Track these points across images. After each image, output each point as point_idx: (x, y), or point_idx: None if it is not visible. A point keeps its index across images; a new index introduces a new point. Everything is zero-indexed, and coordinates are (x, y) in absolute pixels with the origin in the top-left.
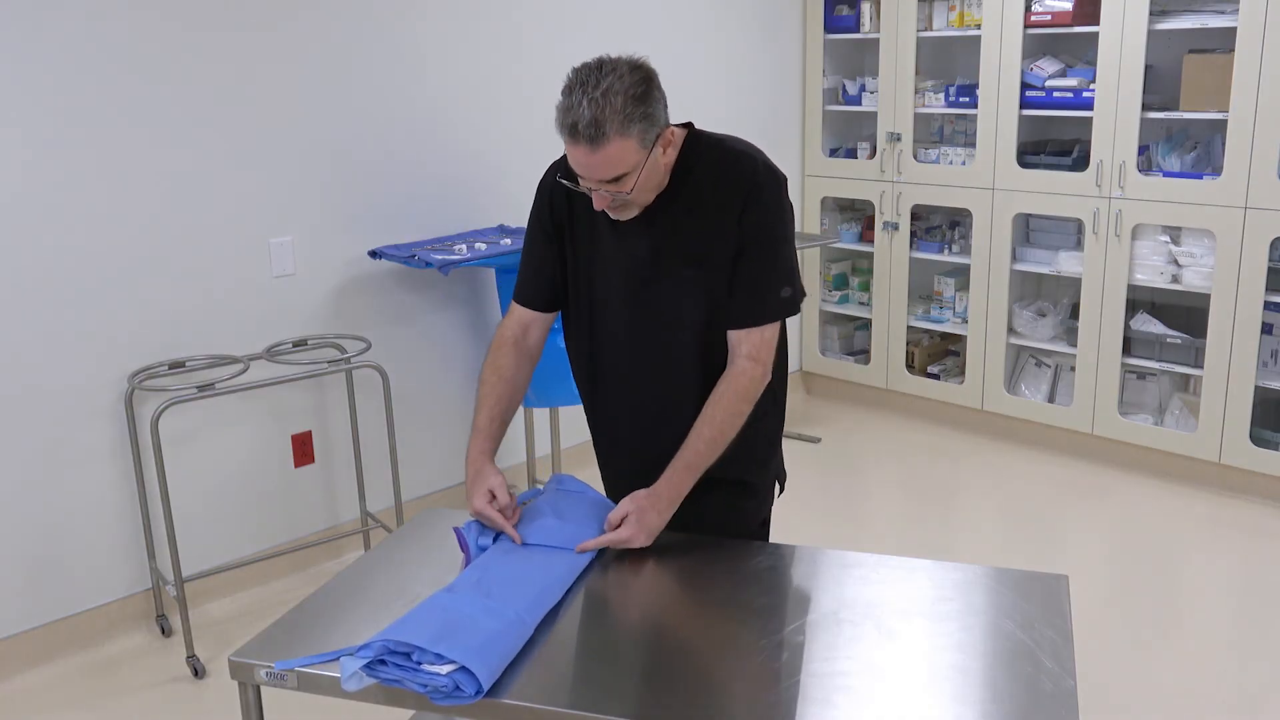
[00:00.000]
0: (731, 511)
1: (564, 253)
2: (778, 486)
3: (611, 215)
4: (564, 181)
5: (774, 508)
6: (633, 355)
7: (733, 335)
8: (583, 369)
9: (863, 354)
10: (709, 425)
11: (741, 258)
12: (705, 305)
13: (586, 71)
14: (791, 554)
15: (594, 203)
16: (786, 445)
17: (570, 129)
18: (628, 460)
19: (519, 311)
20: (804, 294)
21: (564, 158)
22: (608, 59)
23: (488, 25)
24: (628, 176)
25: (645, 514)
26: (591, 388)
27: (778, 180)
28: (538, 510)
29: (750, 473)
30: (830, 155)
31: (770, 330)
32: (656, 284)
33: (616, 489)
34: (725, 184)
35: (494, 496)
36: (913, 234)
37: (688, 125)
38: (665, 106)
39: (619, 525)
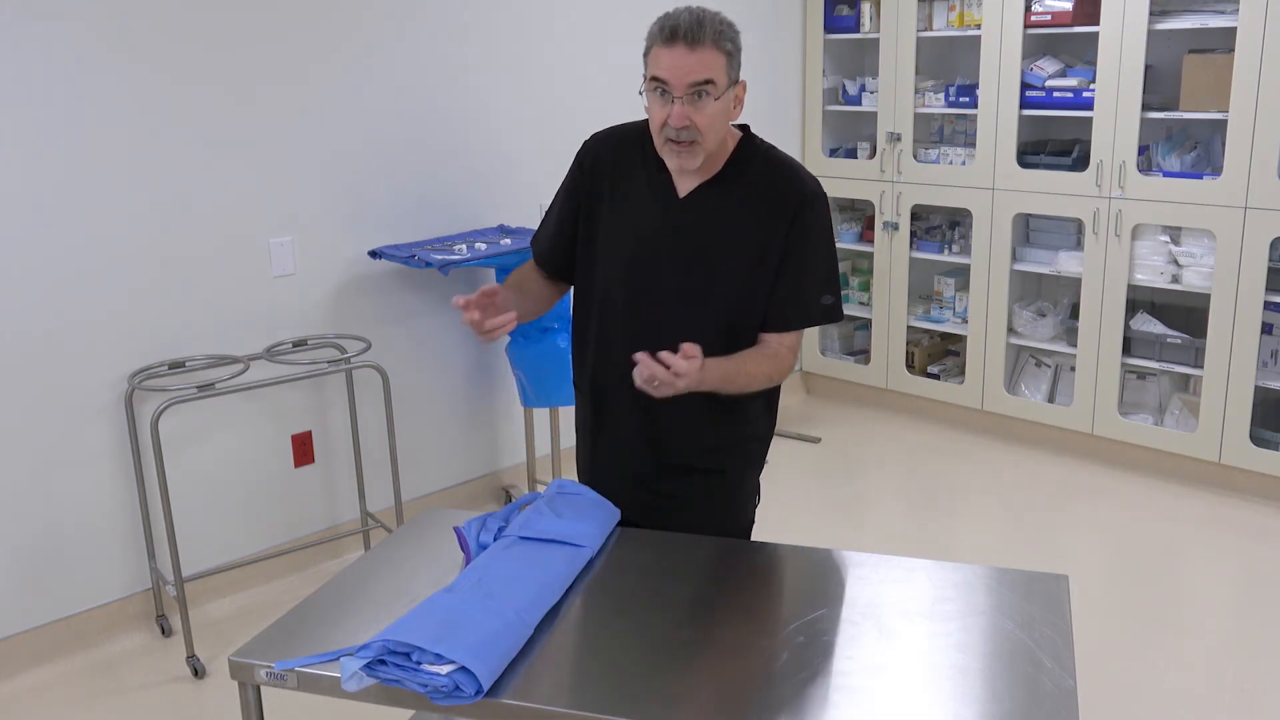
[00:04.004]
0: (720, 506)
1: (592, 213)
2: (756, 496)
3: (675, 158)
4: (656, 77)
5: (774, 508)
6: (645, 330)
7: (773, 335)
8: (591, 350)
9: (863, 354)
10: (751, 362)
11: (787, 265)
12: (734, 296)
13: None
14: (791, 554)
15: (672, 117)
16: (786, 445)
17: (670, 31)
18: (619, 431)
19: (532, 264)
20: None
21: (607, 131)
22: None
23: (488, 26)
24: (714, 86)
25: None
26: (599, 356)
27: (824, 197)
28: (537, 510)
29: (740, 468)
30: (830, 155)
31: (802, 334)
32: (691, 270)
33: (602, 475)
34: (777, 191)
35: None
36: (913, 234)
37: (744, 127)
38: (740, 66)
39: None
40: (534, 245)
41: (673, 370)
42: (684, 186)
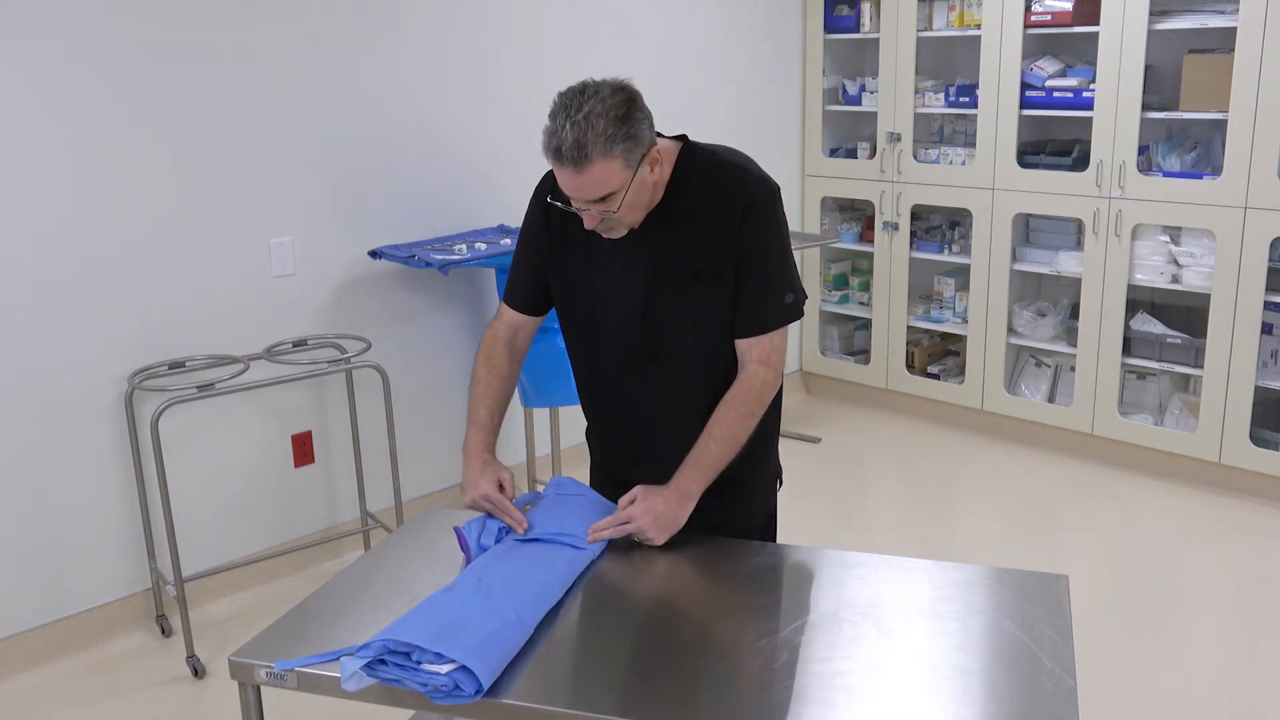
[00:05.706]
0: (733, 510)
1: (563, 257)
2: (777, 483)
3: (602, 234)
4: (555, 203)
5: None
6: (635, 366)
7: (741, 344)
8: (583, 379)
9: (863, 354)
10: (720, 425)
11: (742, 270)
12: (705, 315)
13: (569, 95)
14: (791, 554)
15: (584, 223)
16: (786, 445)
17: (555, 152)
18: (627, 468)
19: (509, 314)
20: (805, 296)
21: (550, 173)
22: (590, 82)
23: (489, 26)
24: (614, 196)
25: (650, 497)
26: (591, 397)
27: (772, 191)
28: (537, 511)
29: (748, 471)
30: (830, 155)
31: (779, 336)
32: (657, 296)
33: (612, 497)
34: (721, 198)
35: (503, 487)
36: (913, 234)
37: (681, 138)
38: (650, 125)
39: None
40: (515, 301)
41: (636, 525)
42: None
